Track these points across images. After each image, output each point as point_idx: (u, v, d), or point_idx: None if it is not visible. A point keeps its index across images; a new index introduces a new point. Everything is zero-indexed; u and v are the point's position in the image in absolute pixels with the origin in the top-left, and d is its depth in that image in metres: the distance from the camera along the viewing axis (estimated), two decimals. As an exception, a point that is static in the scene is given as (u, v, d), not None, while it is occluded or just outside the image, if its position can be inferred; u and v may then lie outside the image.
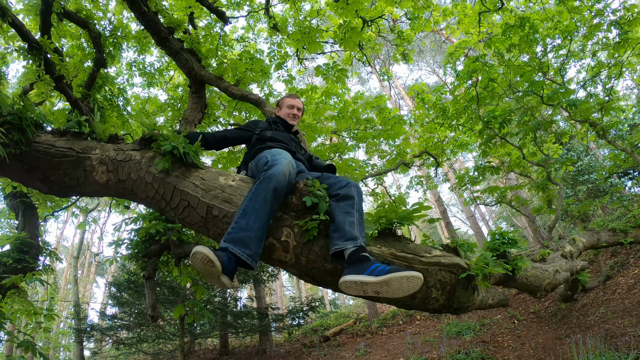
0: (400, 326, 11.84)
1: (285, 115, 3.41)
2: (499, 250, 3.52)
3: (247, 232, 2.05)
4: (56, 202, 8.19)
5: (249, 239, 2.05)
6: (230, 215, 2.29)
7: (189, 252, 4.05)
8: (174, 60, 6.03)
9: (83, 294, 30.89)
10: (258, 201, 2.13)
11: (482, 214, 30.14)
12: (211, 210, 2.33)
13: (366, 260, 1.99)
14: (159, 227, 4.11)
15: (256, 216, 2.09)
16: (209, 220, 2.36)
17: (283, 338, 14.68)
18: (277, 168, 2.25)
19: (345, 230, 2.09)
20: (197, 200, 2.38)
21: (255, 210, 2.10)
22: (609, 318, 6.96)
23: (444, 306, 2.54)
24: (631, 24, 6.70)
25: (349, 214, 2.17)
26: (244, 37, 8.37)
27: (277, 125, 3.26)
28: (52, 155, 2.75)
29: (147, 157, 2.67)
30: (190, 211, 2.42)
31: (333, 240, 2.10)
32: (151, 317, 4.07)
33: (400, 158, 9.71)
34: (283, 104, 3.48)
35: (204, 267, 1.94)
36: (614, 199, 12.72)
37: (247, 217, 2.09)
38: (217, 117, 7.83)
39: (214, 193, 2.37)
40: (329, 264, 2.14)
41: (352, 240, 2.06)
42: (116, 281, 12.93)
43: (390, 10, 8.15)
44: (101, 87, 7.25)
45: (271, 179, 2.20)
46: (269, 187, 2.17)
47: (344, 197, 2.26)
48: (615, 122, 7.97)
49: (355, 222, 2.16)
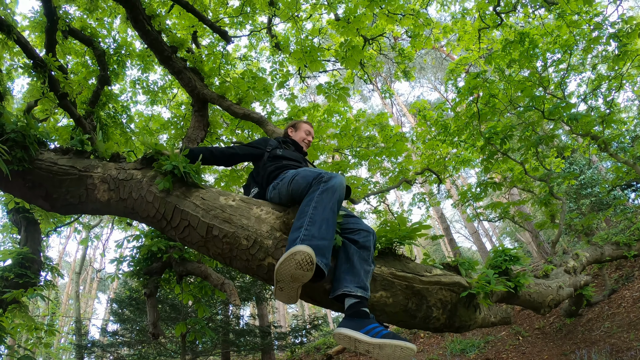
0: (404, 343, 11.71)
1: (301, 139, 3.39)
2: (501, 268, 3.50)
3: (322, 241, 1.97)
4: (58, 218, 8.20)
5: (325, 248, 1.97)
6: (230, 235, 2.29)
7: (190, 270, 4.06)
8: (177, 78, 6.10)
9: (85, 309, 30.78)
10: (326, 211, 2.07)
11: (486, 230, 30.03)
12: (211, 230, 2.34)
13: (365, 317, 1.95)
14: (161, 245, 4.12)
15: (327, 225, 2.03)
16: (209, 240, 2.36)
17: (285, 356, 14.54)
18: (338, 179, 2.20)
19: (361, 277, 2.04)
20: (198, 220, 2.39)
21: (326, 220, 2.04)
22: (614, 332, 6.89)
23: (446, 325, 2.54)
24: (630, 36, 6.72)
25: (366, 263, 2.12)
26: (247, 55, 8.46)
27: (287, 145, 3.21)
28: (55, 173, 2.77)
29: (148, 176, 2.69)
30: (190, 231, 2.43)
31: (344, 281, 2.04)
32: (152, 334, 4.05)
33: (402, 175, 9.71)
34: (301, 127, 3.47)
35: (296, 270, 1.85)
36: (618, 211, 12.67)
37: (318, 225, 2.01)
38: (219, 135, 7.88)
39: (214, 213, 2.38)
40: (328, 284, 2.14)
41: (363, 289, 2.02)
42: (118, 298, 12.90)
43: (391, 28, 8.25)
44: (105, 105, 7.31)
45: (335, 190, 2.15)
46: (334, 197, 2.13)
47: (364, 247, 2.18)
48: (617, 134, 7.96)
49: (370, 273, 2.13)
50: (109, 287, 31.13)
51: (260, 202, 2.51)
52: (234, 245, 2.27)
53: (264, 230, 2.26)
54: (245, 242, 2.24)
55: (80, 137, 3.14)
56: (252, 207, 2.43)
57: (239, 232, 2.27)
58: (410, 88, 44.15)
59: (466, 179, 29.92)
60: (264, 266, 2.21)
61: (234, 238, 2.27)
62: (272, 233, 2.25)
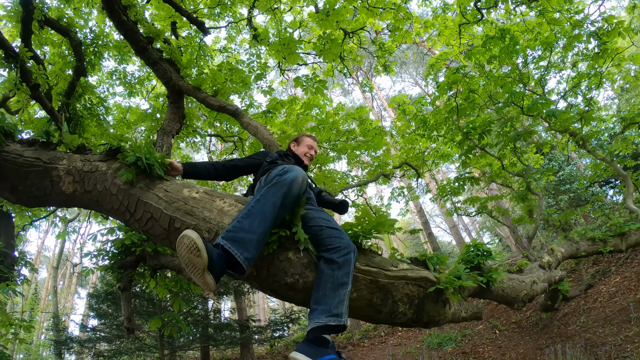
0: (382, 338, 11.79)
1: (302, 153, 3.31)
2: (473, 262, 3.50)
3: (249, 234, 1.95)
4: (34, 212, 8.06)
5: (249, 241, 1.94)
6: (192, 228, 2.24)
7: (164, 264, 4.01)
8: (153, 70, 5.99)
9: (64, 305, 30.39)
10: (266, 204, 2.05)
11: (465, 225, 30.33)
12: (173, 222, 2.30)
13: (324, 345, 1.89)
14: (134, 238, 4.06)
15: (262, 219, 2.00)
16: (171, 233, 2.32)
17: (265, 350, 14.54)
18: (292, 174, 2.17)
19: (333, 304, 1.98)
20: (160, 212, 2.35)
21: (262, 213, 2.02)
22: (590, 327, 6.98)
23: (413, 320, 2.52)
24: (610, 34, 6.77)
25: (342, 287, 2.03)
26: (227, 47, 8.36)
27: (287, 158, 3.15)
28: (20, 165, 2.71)
29: (112, 168, 2.64)
30: (153, 223, 2.38)
31: (315, 312, 1.97)
32: (127, 329, 4.01)
33: (381, 169, 9.72)
34: (303, 141, 3.39)
35: (189, 255, 1.82)
36: (596, 207, 12.87)
37: (252, 218, 2.00)
38: (196, 127, 7.77)
39: (177, 205, 2.34)
40: (290, 278, 2.11)
41: (336, 317, 1.96)
42: (96, 292, 12.72)
43: (372, 22, 8.20)
44: (81, 96, 7.17)
45: (284, 184, 2.12)
46: (281, 192, 2.10)
47: (341, 267, 2.08)
48: (596, 131, 8.05)
49: (346, 296, 2.04)
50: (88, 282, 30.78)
51: (224, 194, 2.47)
52: (195, 238, 2.23)
53: (226, 223, 2.23)
54: (207, 235, 2.21)
55: (46, 128, 3.06)
56: (215, 199, 2.39)
57: (201, 224, 2.24)
58: (392, 83, 44.23)
59: (446, 173, 30.14)
60: (225, 259, 2.16)
61: (196, 230, 2.22)
62: (234, 226, 2.21)
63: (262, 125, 4.94)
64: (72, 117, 6.91)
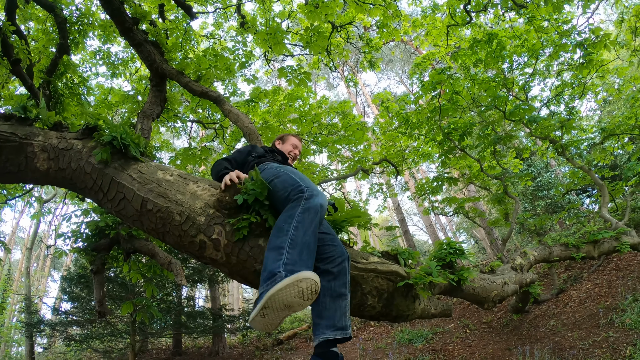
0: (354, 332, 11.85)
1: (287, 152, 3.32)
2: (445, 260, 3.54)
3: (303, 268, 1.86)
4: (9, 190, 7.91)
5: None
6: (164, 210, 2.23)
7: (138, 248, 3.96)
8: (137, 51, 5.91)
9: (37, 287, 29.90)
10: (307, 234, 1.96)
11: (442, 225, 30.67)
12: (146, 204, 2.28)
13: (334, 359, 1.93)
14: (109, 221, 4.01)
15: (308, 252, 1.93)
16: (143, 214, 2.30)
17: (237, 340, 14.51)
18: (321, 198, 2.11)
19: (336, 317, 1.96)
20: (133, 193, 2.33)
21: (307, 245, 1.93)
22: (559, 330, 7.11)
23: (382, 314, 2.54)
24: (595, 46, 6.88)
25: (341, 298, 2.03)
26: (213, 34, 8.28)
27: (274, 154, 3.12)
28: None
29: (88, 146, 2.61)
30: (125, 204, 2.36)
31: (320, 327, 1.95)
32: (99, 312, 3.96)
33: (360, 165, 9.76)
34: (288, 140, 3.40)
35: (297, 299, 1.77)
36: (571, 214, 13.12)
37: (299, 250, 1.90)
38: (178, 112, 7.70)
39: (150, 187, 2.32)
40: (259, 265, 2.11)
41: (342, 330, 1.95)
42: (69, 275, 12.53)
43: (360, 17, 8.21)
44: (63, 75, 7.06)
45: (317, 210, 2.05)
46: (316, 219, 2.03)
47: (338, 277, 2.07)
48: (576, 140, 8.19)
49: (347, 307, 2.04)
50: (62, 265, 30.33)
51: (198, 178, 2.46)
52: (167, 220, 2.22)
53: (198, 207, 2.21)
54: (178, 218, 2.19)
55: (23, 103, 3.00)
56: (188, 182, 2.38)
57: (173, 207, 2.22)
58: (377, 79, 44.31)
59: (426, 172, 30.40)
60: (195, 243, 2.16)
61: (167, 213, 2.22)
62: (206, 210, 2.20)
63: (243, 113, 4.91)
64: (52, 95, 6.80)
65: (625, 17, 8.87)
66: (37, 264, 31.31)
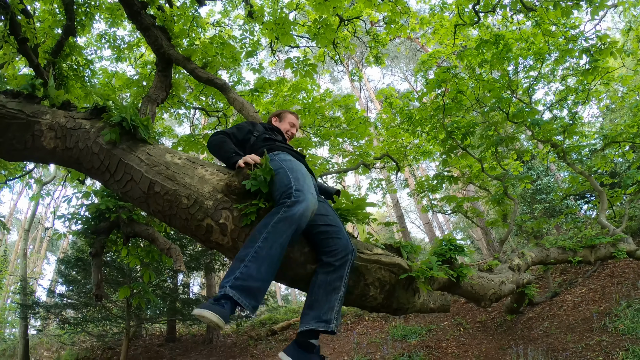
0: (348, 326, 11.90)
1: (285, 130, 3.21)
2: (445, 256, 3.55)
3: (258, 283, 1.87)
4: (10, 171, 7.90)
5: (258, 291, 1.88)
6: (172, 193, 2.24)
7: (138, 232, 3.98)
8: (144, 36, 5.90)
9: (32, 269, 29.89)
10: (274, 247, 1.91)
11: (440, 223, 30.71)
12: (153, 186, 2.29)
13: (309, 350, 1.96)
14: (110, 204, 4.01)
15: (269, 265, 1.90)
16: (150, 196, 2.31)
17: (231, 329, 14.53)
18: (302, 206, 2.02)
19: (322, 312, 2.01)
20: (141, 174, 2.33)
21: (270, 258, 1.90)
22: (552, 333, 7.14)
23: (383, 305, 2.56)
24: (602, 53, 6.86)
25: (335, 291, 2.06)
26: (220, 21, 8.25)
27: (274, 132, 3.00)
28: (2, 116, 2.64)
29: (96, 127, 2.61)
30: (132, 185, 2.37)
31: (306, 317, 2.01)
32: (95, 295, 3.97)
33: (362, 159, 9.78)
34: (285, 118, 3.27)
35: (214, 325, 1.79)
36: (569, 219, 13.15)
37: (260, 263, 1.88)
38: (182, 99, 7.70)
39: (158, 169, 2.33)
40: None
41: (325, 323, 1.99)
42: (66, 258, 12.54)
43: (368, 12, 8.19)
44: (68, 56, 7.05)
45: (294, 220, 1.98)
46: (290, 230, 1.96)
47: (336, 271, 2.09)
48: (577, 146, 8.20)
49: (338, 302, 2.06)
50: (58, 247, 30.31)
51: (206, 162, 2.46)
52: (174, 203, 2.23)
53: (206, 191, 2.22)
54: (185, 201, 2.20)
55: (33, 81, 3.00)
56: (197, 166, 2.38)
57: (181, 190, 2.23)
58: (382, 75, 44.08)
59: (426, 170, 30.41)
60: (202, 227, 2.17)
61: (175, 196, 2.23)
62: (214, 194, 2.21)
63: (248, 102, 4.91)
64: (57, 77, 6.79)
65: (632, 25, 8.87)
66: (34, 246, 31.29)
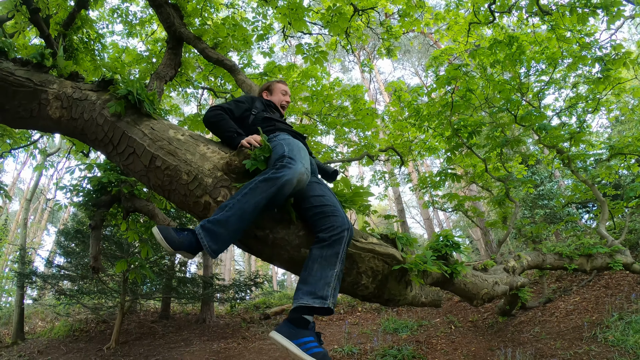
0: (341, 315, 11.99)
1: (279, 102, 3.15)
2: (441, 252, 3.55)
3: (223, 230, 1.92)
4: (15, 140, 7.93)
5: (220, 235, 1.92)
6: (172, 168, 2.26)
7: (138, 207, 4.01)
8: (157, 13, 5.88)
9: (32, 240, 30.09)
10: (249, 203, 1.95)
11: (440, 220, 30.71)
12: (154, 160, 2.31)
13: (304, 327, 1.92)
14: (112, 178, 4.04)
15: (239, 218, 1.94)
16: (150, 170, 2.33)
17: (225, 310, 14.64)
18: (290, 172, 2.03)
19: (318, 287, 1.95)
20: (143, 148, 2.36)
21: (241, 211, 1.94)
22: (542, 338, 7.16)
23: (374, 295, 2.56)
24: (615, 63, 6.80)
25: (330, 266, 2.00)
26: (234, 3, 8.22)
27: (271, 110, 2.95)
28: (10, 84, 2.67)
29: (102, 99, 2.64)
30: (134, 159, 2.40)
31: (300, 292, 1.96)
32: (92, 267, 4.01)
33: (366, 150, 9.77)
34: (276, 89, 3.20)
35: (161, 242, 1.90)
36: (568, 227, 13.14)
37: (231, 214, 1.93)
38: (190, 78, 7.69)
39: (160, 144, 2.34)
40: (260, 231, 2.13)
41: (321, 299, 1.94)
42: (65, 230, 12.63)
43: (383, 3, 8.14)
44: (79, 29, 7.04)
45: (275, 183, 1.99)
46: (269, 192, 1.98)
47: (331, 246, 2.04)
48: (583, 154, 8.15)
49: (334, 278, 2.00)
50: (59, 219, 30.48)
51: (208, 140, 2.48)
52: (174, 178, 2.25)
53: (206, 168, 2.24)
54: (185, 177, 2.22)
55: (42, 50, 3.02)
56: (199, 143, 2.40)
57: (181, 166, 2.25)
58: (392, 68, 43.93)
59: (430, 166, 30.34)
60: (200, 203, 2.19)
61: (176, 171, 2.25)
62: (214, 172, 2.22)
63: (256, 85, 4.91)
64: (67, 49, 6.79)
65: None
66: (35, 216, 31.49)
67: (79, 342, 11.19)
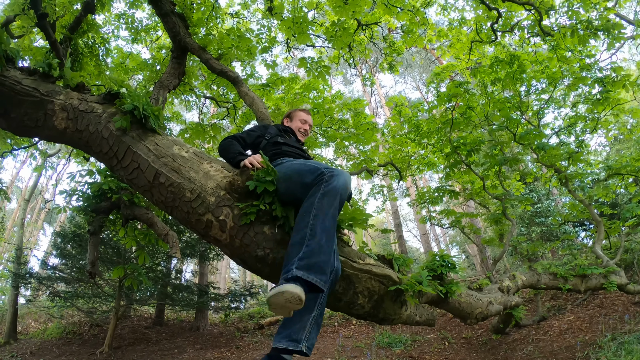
0: (335, 327, 11.98)
1: (297, 128, 3.22)
2: (437, 272, 3.58)
3: (322, 256, 1.89)
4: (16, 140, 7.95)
5: (324, 264, 1.89)
6: (176, 185, 2.29)
7: (137, 215, 4.02)
8: (162, 21, 5.94)
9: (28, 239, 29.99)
10: (327, 219, 1.97)
11: (437, 235, 30.76)
12: (159, 176, 2.34)
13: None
14: (112, 185, 4.06)
15: (328, 237, 1.95)
16: (154, 186, 2.36)
17: (219, 319, 14.61)
18: (341, 179, 2.08)
19: (293, 331, 2.00)
20: (147, 164, 2.39)
21: (326, 231, 1.95)
22: (535, 356, 7.16)
23: (369, 314, 2.60)
24: (615, 84, 6.86)
25: (306, 312, 2.03)
26: (239, 13, 8.29)
27: (287, 134, 3.05)
28: (17, 93, 2.70)
29: (108, 112, 2.67)
30: (138, 173, 2.42)
31: (279, 334, 2.01)
32: (89, 273, 4.01)
33: (365, 164, 9.82)
34: (295, 116, 3.29)
35: (287, 304, 1.76)
36: (565, 245, 13.15)
37: (319, 238, 1.91)
38: (193, 86, 7.74)
39: (165, 160, 2.38)
40: (261, 251, 2.17)
41: (294, 342, 1.98)
42: (62, 232, 12.61)
43: (387, 19, 8.23)
44: (85, 33, 7.07)
45: (337, 192, 2.03)
46: (336, 203, 2.02)
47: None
48: (580, 173, 8.20)
49: (310, 322, 2.04)
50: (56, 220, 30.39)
51: (212, 158, 2.51)
52: (177, 195, 2.28)
53: (210, 187, 2.27)
54: (189, 195, 2.25)
55: (49, 60, 3.05)
56: (203, 161, 2.44)
57: (185, 183, 2.28)
58: (394, 82, 44.25)
59: (428, 181, 30.44)
60: (202, 221, 2.22)
61: (179, 188, 2.28)
62: (217, 191, 2.26)
63: (259, 97, 4.96)
64: (72, 52, 6.83)
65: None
66: (32, 215, 31.40)
67: (72, 345, 11.15)
